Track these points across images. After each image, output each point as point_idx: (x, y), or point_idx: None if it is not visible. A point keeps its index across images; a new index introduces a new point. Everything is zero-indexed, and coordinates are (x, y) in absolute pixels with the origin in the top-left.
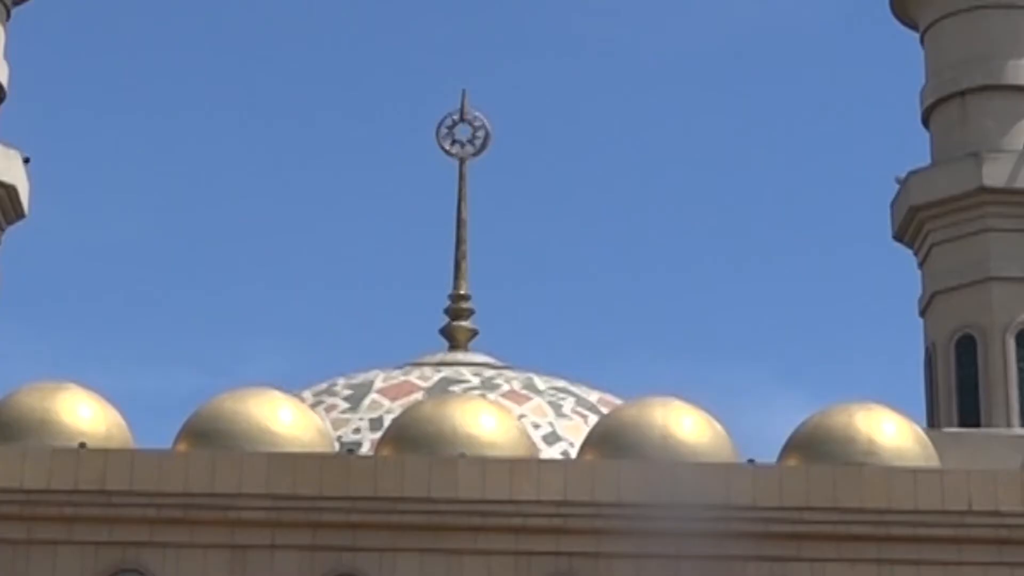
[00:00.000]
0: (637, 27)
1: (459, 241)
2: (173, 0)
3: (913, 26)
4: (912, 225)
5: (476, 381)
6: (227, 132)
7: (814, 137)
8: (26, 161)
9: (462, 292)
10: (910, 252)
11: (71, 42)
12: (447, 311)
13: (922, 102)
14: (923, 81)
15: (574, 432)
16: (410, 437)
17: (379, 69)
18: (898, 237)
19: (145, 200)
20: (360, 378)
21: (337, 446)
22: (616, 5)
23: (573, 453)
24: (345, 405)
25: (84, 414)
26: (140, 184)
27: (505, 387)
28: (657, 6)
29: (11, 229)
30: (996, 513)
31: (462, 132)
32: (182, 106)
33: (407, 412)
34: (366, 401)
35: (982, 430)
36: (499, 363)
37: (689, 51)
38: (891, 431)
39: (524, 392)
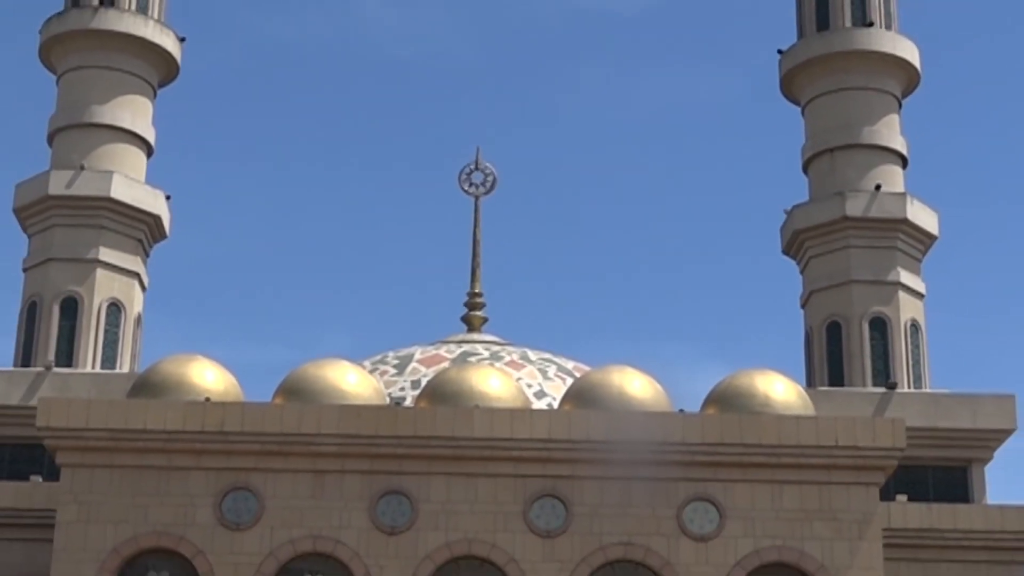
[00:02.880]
0: (603, 101)
1: (474, 255)
2: (268, 84)
3: (796, 102)
4: (795, 243)
5: (487, 354)
6: (310, 176)
7: (728, 181)
8: (167, 198)
9: (477, 291)
10: (794, 263)
11: (200, 110)
12: (466, 304)
13: (803, 156)
14: (803, 141)
15: (556, 390)
16: (440, 393)
17: (418, 131)
18: (786, 252)
19: (253, 224)
20: (404, 352)
21: (388, 400)
22: (590, 84)
23: (555, 405)
24: (394, 371)
25: (208, 377)
26: (250, 212)
27: (507, 358)
28: (619, 84)
29: (157, 247)
30: (855, 447)
31: (477, 178)
32: (277, 157)
33: (437, 376)
34: (408, 368)
35: (845, 389)
36: (503, 341)
37: (644, 116)
38: (780, 389)
39: (521, 361)
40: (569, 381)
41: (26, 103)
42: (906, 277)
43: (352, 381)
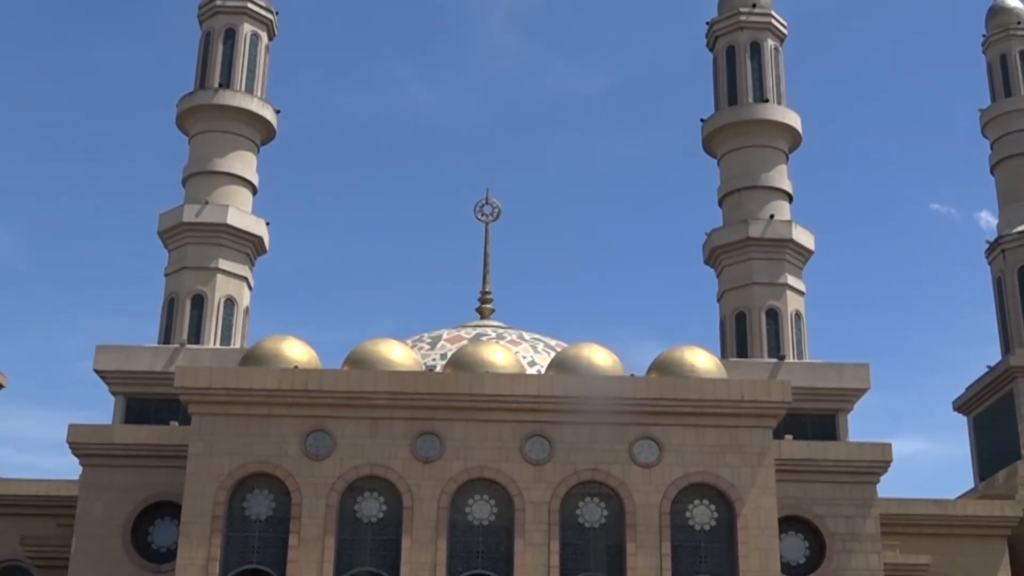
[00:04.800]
0: (578, 153)
1: (485, 265)
2: (337, 141)
3: (714, 156)
4: (713, 256)
5: (494, 335)
6: (368, 207)
7: (665, 212)
8: (268, 224)
9: (487, 290)
10: (712, 270)
11: (290, 161)
12: (479, 299)
13: (718, 194)
14: (719, 183)
15: (543, 360)
16: (461, 363)
17: (443, 174)
18: (706, 262)
19: (328, 242)
20: (435, 333)
21: (423, 367)
22: (568, 142)
23: (543, 371)
24: (428, 347)
25: (296, 351)
26: (326, 234)
27: (509, 337)
28: (589, 141)
29: (260, 259)
30: (755, 401)
31: (487, 209)
32: (345, 193)
33: (459, 350)
34: (438, 344)
35: (748, 359)
36: (506, 326)
37: (607, 165)
38: (703, 360)
39: (518, 340)
40: (552, 354)
41: (165, 157)
42: (792, 280)
43: (398, 354)
